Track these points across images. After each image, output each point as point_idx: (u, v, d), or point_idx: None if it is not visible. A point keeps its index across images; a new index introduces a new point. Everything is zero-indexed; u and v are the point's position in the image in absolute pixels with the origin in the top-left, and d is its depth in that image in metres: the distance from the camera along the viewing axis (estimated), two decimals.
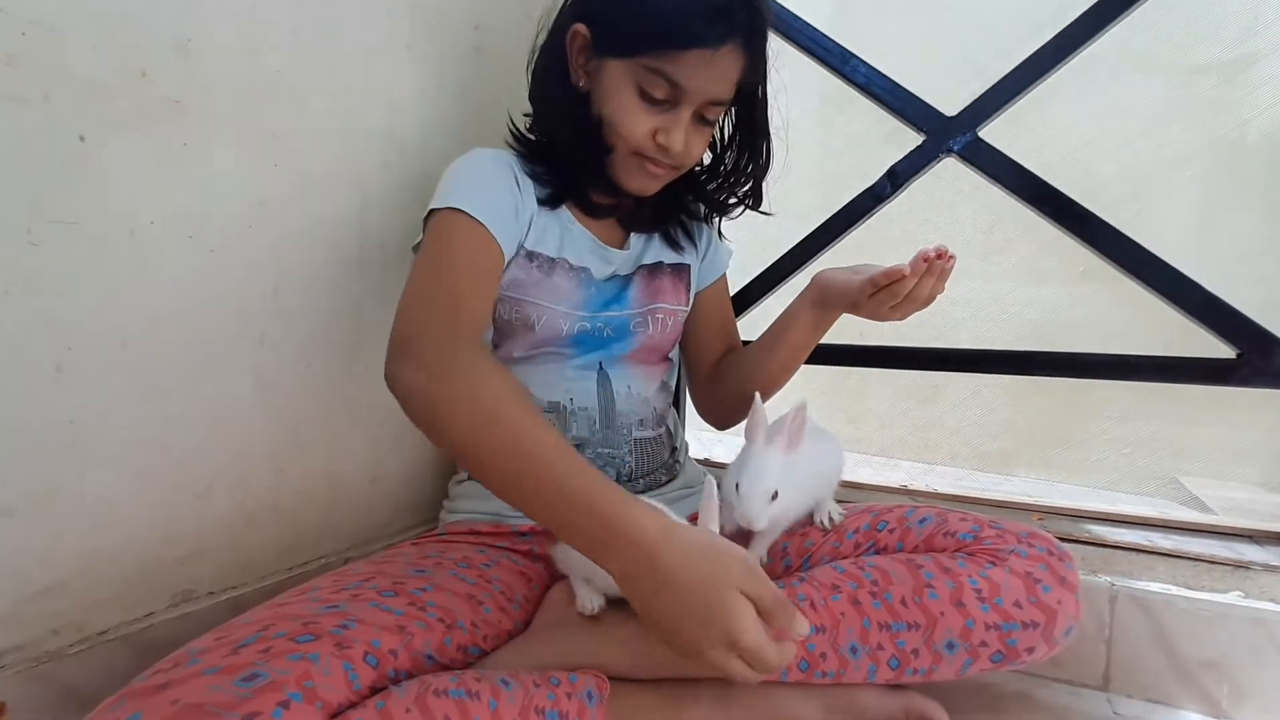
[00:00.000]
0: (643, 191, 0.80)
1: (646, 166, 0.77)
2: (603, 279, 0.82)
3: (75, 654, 0.55)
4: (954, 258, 0.68)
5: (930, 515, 0.69)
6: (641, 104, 0.74)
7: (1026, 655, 0.61)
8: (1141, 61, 0.99)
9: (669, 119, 0.74)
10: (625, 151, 0.76)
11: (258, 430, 0.70)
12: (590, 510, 0.52)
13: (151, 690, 0.43)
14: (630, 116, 0.74)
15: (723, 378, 0.91)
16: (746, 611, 0.48)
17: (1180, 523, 0.85)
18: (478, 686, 0.53)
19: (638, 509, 0.52)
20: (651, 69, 0.71)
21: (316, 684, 0.46)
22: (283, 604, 0.55)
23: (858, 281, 0.71)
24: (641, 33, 0.73)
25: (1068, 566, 0.63)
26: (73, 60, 0.53)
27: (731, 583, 0.48)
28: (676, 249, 0.89)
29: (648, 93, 0.73)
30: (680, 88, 0.72)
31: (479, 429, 0.55)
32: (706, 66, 0.71)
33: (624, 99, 0.74)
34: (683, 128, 0.74)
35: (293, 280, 0.72)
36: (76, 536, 0.56)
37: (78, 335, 0.55)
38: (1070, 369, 0.86)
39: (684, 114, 0.74)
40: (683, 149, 0.75)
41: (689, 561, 0.50)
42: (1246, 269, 0.97)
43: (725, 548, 0.51)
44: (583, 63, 0.77)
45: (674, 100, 0.73)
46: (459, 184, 0.73)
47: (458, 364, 0.58)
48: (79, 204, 0.54)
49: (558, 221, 0.81)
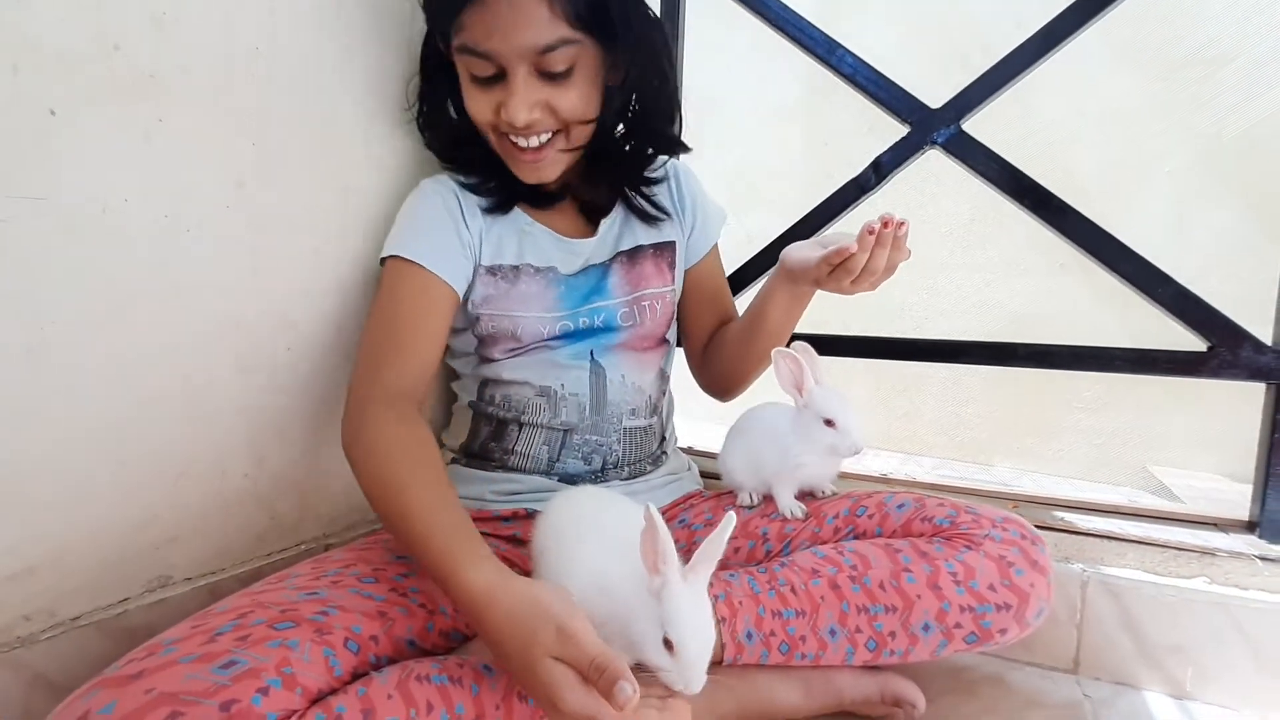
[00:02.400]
0: (539, 180, 0.76)
1: (514, 151, 0.73)
2: (572, 273, 0.81)
3: (47, 640, 0.54)
4: (903, 223, 0.65)
5: (908, 501, 0.70)
6: (475, 87, 0.71)
7: (1000, 636, 0.63)
8: (1123, 57, 1.00)
9: (502, 91, 0.69)
10: (494, 139, 0.74)
11: (236, 414, 0.69)
12: (436, 570, 0.53)
13: (125, 680, 0.43)
14: (471, 104, 0.72)
15: (715, 354, 0.89)
16: (562, 678, 0.46)
17: (1150, 511, 0.87)
18: (460, 672, 0.53)
19: (471, 574, 0.51)
20: (459, 48, 0.68)
21: (296, 670, 0.46)
22: (260, 592, 0.55)
23: (814, 260, 0.69)
24: (431, 22, 0.71)
25: (1040, 550, 0.65)
26: (41, 31, 0.51)
27: (544, 651, 0.46)
28: (654, 225, 0.85)
29: (474, 74, 0.70)
30: (486, 54, 0.67)
31: (372, 488, 0.60)
32: (487, 19, 0.65)
33: (466, 86, 0.72)
34: (518, 96, 0.68)
35: (271, 262, 0.71)
36: (48, 521, 0.55)
37: (49, 315, 0.53)
38: (1046, 360, 0.88)
39: (514, 81, 0.67)
40: (529, 117, 0.69)
41: (507, 625, 0.49)
42: (1222, 262, 0.99)
43: (543, 611, 0.48)
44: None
45: (496, 70, 0.68)
46: (400, 229, 0.76)
47: (363, 430, 0.64)
48: (48, 179, 0.53)
49: (514, 227, 0.80)
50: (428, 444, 0.63)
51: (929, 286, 1.10)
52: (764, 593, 0.65)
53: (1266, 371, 0.79)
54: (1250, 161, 0.93)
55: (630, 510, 0.61)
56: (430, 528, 0.55)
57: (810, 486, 0.77)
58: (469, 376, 0.83)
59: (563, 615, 0.48)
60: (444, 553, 0.53)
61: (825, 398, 0.73)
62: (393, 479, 0.59)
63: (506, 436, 0.80)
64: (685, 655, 0.50)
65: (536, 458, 0.80)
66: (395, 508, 0.57)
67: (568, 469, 0.80)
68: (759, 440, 0.78)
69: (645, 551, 0.51)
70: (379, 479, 0.60)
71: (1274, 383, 0.80)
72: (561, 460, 0.80)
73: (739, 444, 0.81)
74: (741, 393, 0.90)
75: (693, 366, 0.94)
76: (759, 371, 0.85)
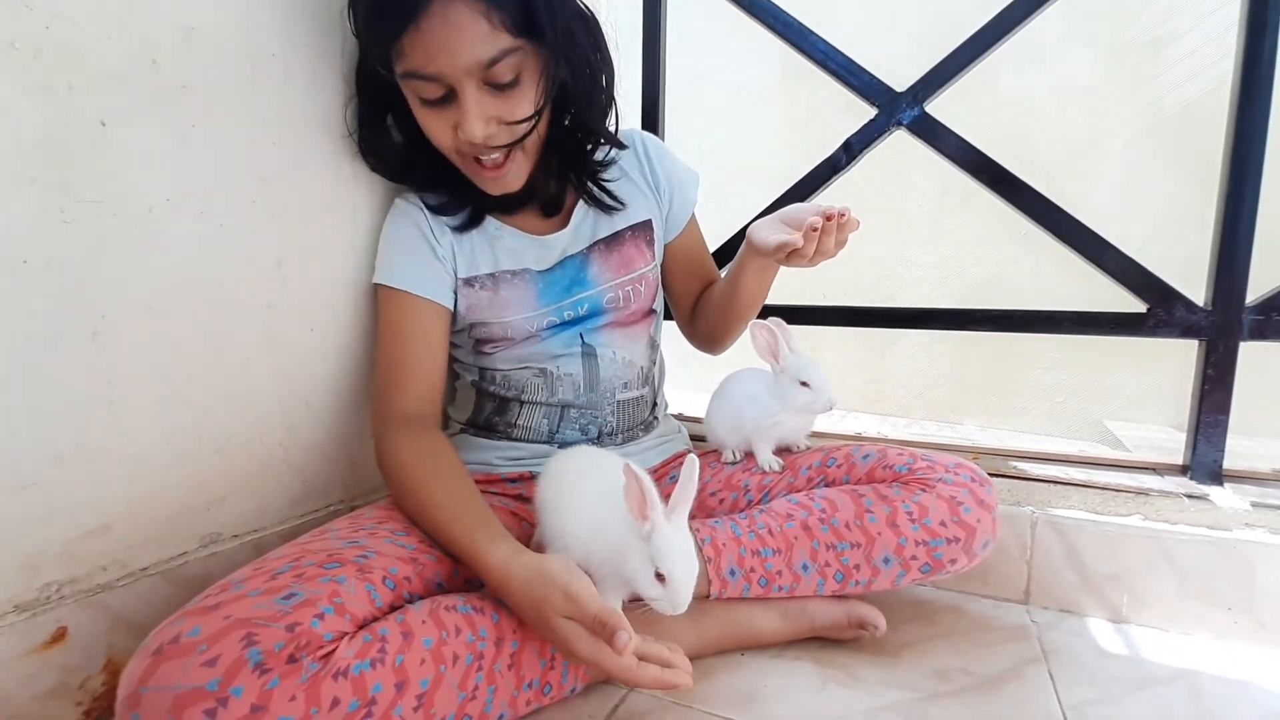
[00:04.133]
0: (505, 190, 0.78)
1: (479, 169, 0.75)
2: (548, 268, 0.84)
3: (122, 586, 0.63)
4: (844, 213, 0.68)
5: (873, 451, 0.79)
6: (427, 110, 0.71)
7: (950, 566, 0.71)
8: (1076, 38, 1.06)
9: (455, 111, 0.69)
10: (457, 159, 0.76)
11: (269, 390, 0.76)
12: (461, 553, 0.65)
13: (205, 610, 0.50)
14: (428, 126, 0.73)
15: (701, 316, 0.94)
16: (572, 632, 0.56)
17: (1094, 458, 0.96)
18: (482, 604, 0.61)
19: (488, 556, 0.62)
20: (404, 74, 0.68)
21: (345, 600, 0.54)
22: (306, 542, 0.62)
23: (771, 244, 0.72)
24: (368, 51, 0.72)
25: (987, 491, 0.73)
26: (89, 50, 0.58)
27: (555, 612, 0.57)
28: (622, 206, 0.87)
29: (423, 98, 0.70)
30: (430, 76, 0.67)
31: (399, 495, 0.72)
32: (427, 41, 0.65)
33: (418, 111, 0.72)
34: (473, 113, 0.68)
35: (293, 250, 0.77)
36: (117, 484, 0.63)
37: (108, 304, 0.60)
38: (1002, 324, 0.96)
39: (465, 99, 0.68)
40: (484, 132, 0.70)
41: (523, 594, 0.59)
42: (1169, 229, 1.07)
43: (551, 580, 0.58)
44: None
45: (445, 90, 0.68)
46: (381, 255, 0.83)
47: (384, 454, 0.74)
48: (103, 184, 0.59)
49: (484, 237, 0.83)
50: (441, 449, 0.74)
51: (900, 258, 1.18)
52: (744, 535, 0.73)
53: (1198, 329, 0.88)
54: (1191, 134, 1.00)
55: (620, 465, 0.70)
56: (451, 519, 0.66)
57: (786, 443, 0.86)
58: (469, 363, 0.89)
59: (567, 581, 0.58)
60: (465, 539, 0.64)
61: (800, 363, 0.81)
62: (414, 484, 0.70)
63: (509, 412, 0.87)
64: (674, 582, 0.59)
65: (538, 429, 0.87)
66: (419, 505, 0.69)
67: (566, 438, 0.87)
68: (739, 403, 0.86)
69: (631, 503, 0.60)
70: (403, 486, 0.71)
71: (1204, 339, 0.88)
72: (560, 431, 0.87)
73: (721, 407, 0.89)
74: (731, 345, 0.95)
75: (682, 328, 1.00)
76: (743, 327, 0.90)
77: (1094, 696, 0.68)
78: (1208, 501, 0.85)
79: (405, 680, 0.52)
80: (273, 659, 0.47)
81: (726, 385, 0.90)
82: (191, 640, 0.47)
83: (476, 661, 0.57)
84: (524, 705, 0.61)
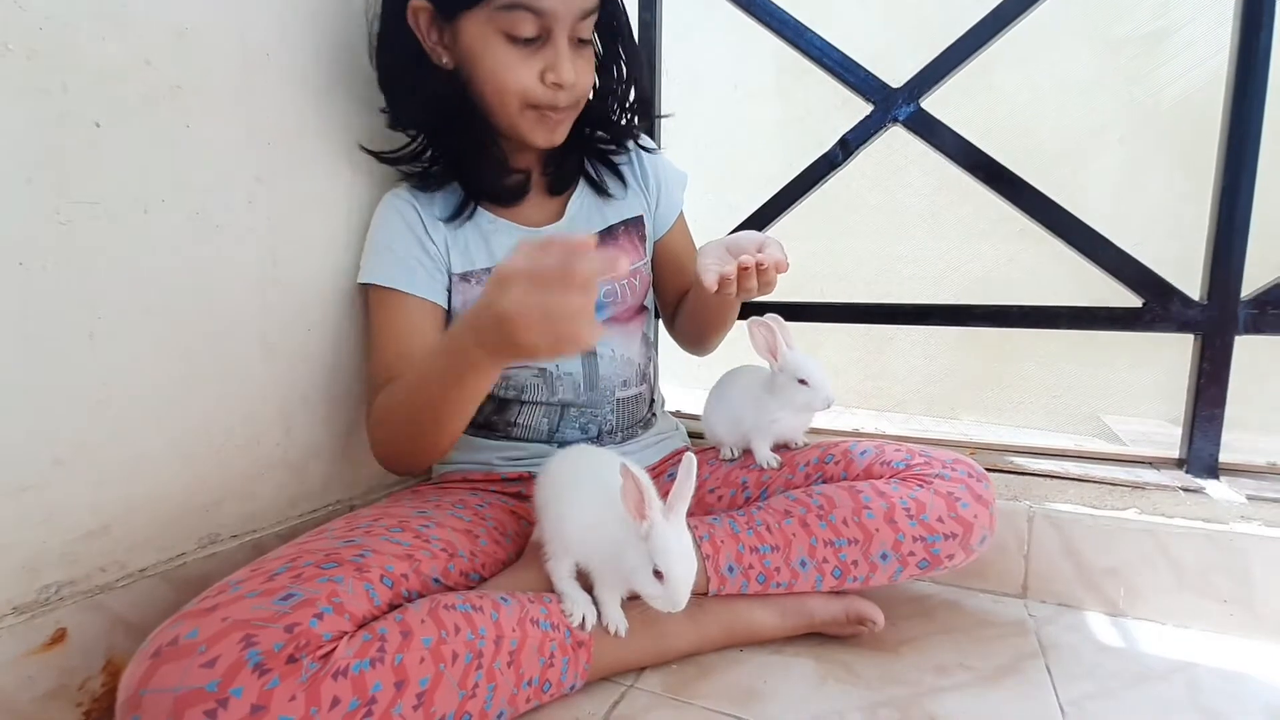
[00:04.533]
0: (551, 142, 0.78)
1: (545, 116, 0.74)
2: None
3: (121, 587, 0.63)
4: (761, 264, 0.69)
5: (870, 448, 0.79)
6: (515, 50, 0.70)
7: (948, 562, 0.72)
8: (1072, 33, 1.07)
9: (548, 54, 0.70)
10: (518, 109, 0.74)
11: (266, 390, 0.76)
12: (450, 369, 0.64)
13: (203, 612, 0.50)
14: (509, 69, 0.71)
15: (681, 313, 0.94)
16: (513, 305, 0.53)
17: (1090, 453, 0.96)
18: (480, 602, 0.62)
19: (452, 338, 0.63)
20: (506, 6, 0.67)
21: (344, 600, 0.54)
22: (303, 542, 0.62)
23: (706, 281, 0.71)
24: None
25: (984, 486, 0.74)
26: (84, 51, 0.57)
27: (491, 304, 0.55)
28: (619, 199, 0.88)
29: (515, 35, 0.69)
30: (543, 12, 0.68)
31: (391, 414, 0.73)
32: None
33: (496, 52, 0.70)
34: (566, 57, 0.70)
35: (289, 249, 0.77)
36: (115, 486, 0.63)
37: (105, 305, 0.60)
38: (1000, 320, 0.96)
39: (560, 42, 0.69)
40: (574, 78, 0.71)
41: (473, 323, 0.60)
42: (1165, 223, 1.07)
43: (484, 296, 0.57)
44: (436, 38, 0.74)
45: (545, 31, 0.69)
46: (369, 254, 0.82)
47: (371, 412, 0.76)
48: (99, 185, 0.59)
49: (478, 231, 0.83)
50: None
51: (897, 254, 1.18)
52: (743, 532, 0.73)
53: (1193, 324, 0.88)
54: (1186, 128, 1.01)
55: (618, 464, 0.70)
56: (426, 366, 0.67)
57: (784, 439, 0.86)
58: None
59: (490, 283, 0.55)
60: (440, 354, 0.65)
61: (798, 360, 0.81)
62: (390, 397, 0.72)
63: (509, 411, 0.87)
64: (672, 580, 0.59)
65: (538, 429, 0.87)
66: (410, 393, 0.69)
67: (566, 437, 0.87)
68: (737, 400, 0.86)
69: (628, 503, 0.60)
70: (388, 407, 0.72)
71: (1200, 334, 0.88)
72: (560, 430, 0.87)
73: (719, 404, 0.89)
74: (714, 349, 0.95)
75: (667, 327, 1.00)
76: (719, 336, 0.91)
77: (1092, 691, 0.68)
78: (1204, 495, 0.85)
79: (405, 679, 0.52)
80: (272, 659, 0.47)
81: (725, 382, 0.90)
82: (190, 642, 0.47)
83: (476, 660, 0.57)
84: (524, 703, 0.61)
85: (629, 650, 0.68)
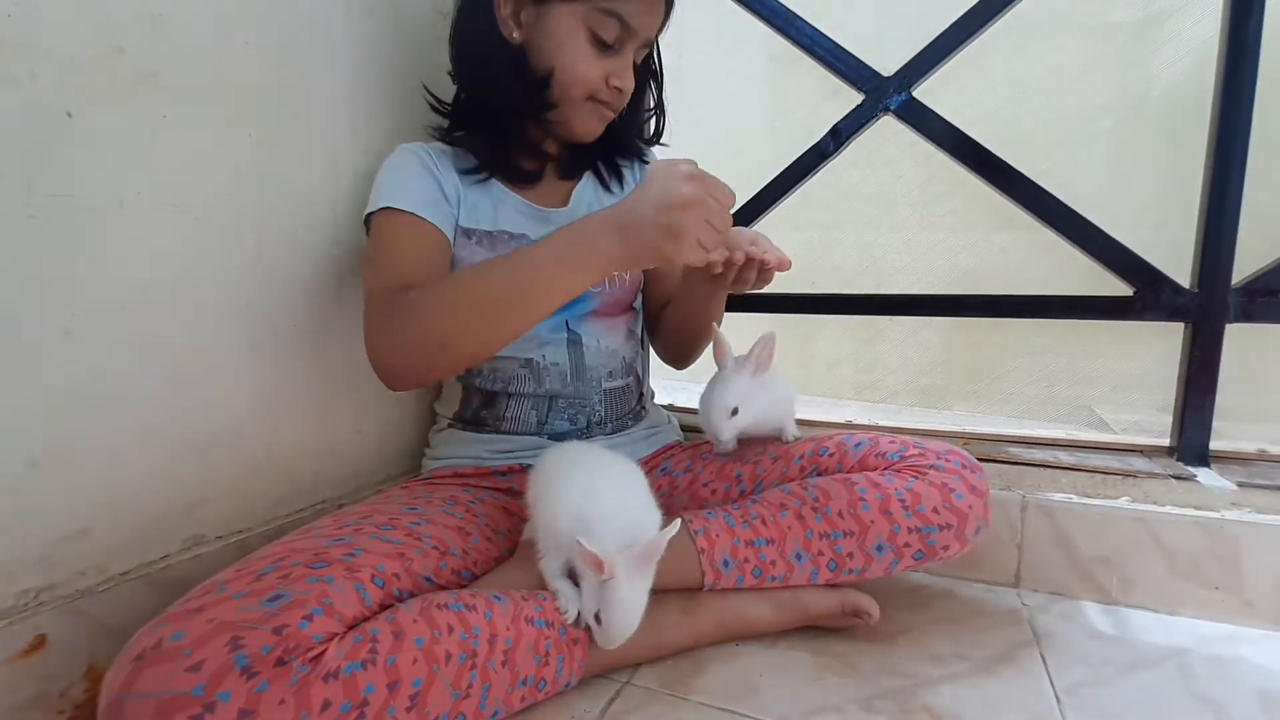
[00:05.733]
0: (590, 136, 0.83)
1: (601, 111, 0.81)
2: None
3: (103, 591, 0.61)
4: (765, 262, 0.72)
5: (864, 439, 0.78)
6: (593, 49, 0.76)
7: (943, 553, 0.71)
8: (1062, 21, 1.06)
9: (619, 62, 0.77)
10: (579, 98, 0.79)
11: (251, 389, 0.75)
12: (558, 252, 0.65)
13: (188, 613, 0.49)
14: (586, 62, 0.76)
15: (665, 318, 0.95)
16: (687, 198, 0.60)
17: (1083, 442, 0.97)
18: (474, 600, 0.61)
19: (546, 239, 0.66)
20: (605, 10, 0.74)
21: (334, 601, 0.53)
22: (291, 541, 0.61)
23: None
24: None
25: (978, 477, 0.73)
26: (53, 38, 0.55)
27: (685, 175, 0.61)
28: (615, 196, 0.90)
29: (599, 36, 0.75)
30: (630, 29, 0.75)
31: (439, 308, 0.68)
32: (653, 5, 0.76)
33: (577, 45, 0.76)
34: (630, 70, 0.78)
35: (272, 244, 0.76)
36: (94, 487, 0.61)
37: (81, 302, 0.59)
38: (992, 309, 0.96)
39: (628, 55, 0.77)
40: (632, 88, 0.80)
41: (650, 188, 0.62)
42: (1154, 212, 1.07)
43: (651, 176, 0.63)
44: (512, 13, 0.78)
45: (622, 42, 0.76)
46: (385, 185, 0.79)
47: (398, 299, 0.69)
48: (71, 178, 0.57)
49: (489, 195, 0.84)
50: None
51: (888, 244, 1.18)
52: (738, 526, 0.73)
53: (1184, 312, 0.88)
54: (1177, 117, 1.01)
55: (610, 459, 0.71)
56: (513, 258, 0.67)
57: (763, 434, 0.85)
58: None
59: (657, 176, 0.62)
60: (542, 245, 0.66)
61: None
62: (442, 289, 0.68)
63: (497, 405, 0.86)
64: (608, 631, 0.61)
65: (526, 421, 0.86)
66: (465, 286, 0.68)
67: (556, 428, 0.87)
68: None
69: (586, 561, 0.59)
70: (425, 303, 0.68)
71: (1190, 322, 0.88)
72: (549, 422, 0.86)
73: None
74: (695, 359, 0.96)
75: (651, 339, 1.01)
76: (702, 343, 0.92)
77: (1087, 678, 0.68)
78: (1195, 483, 0.86)
79: (398, 680, 0.51)
80: (260, 662, 0.46)
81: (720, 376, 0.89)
82: (175, 645, 0.46)
83: (470, 659, 0.56)
84: (519, 701, 0.60)
85: (624, 646, 0.67)
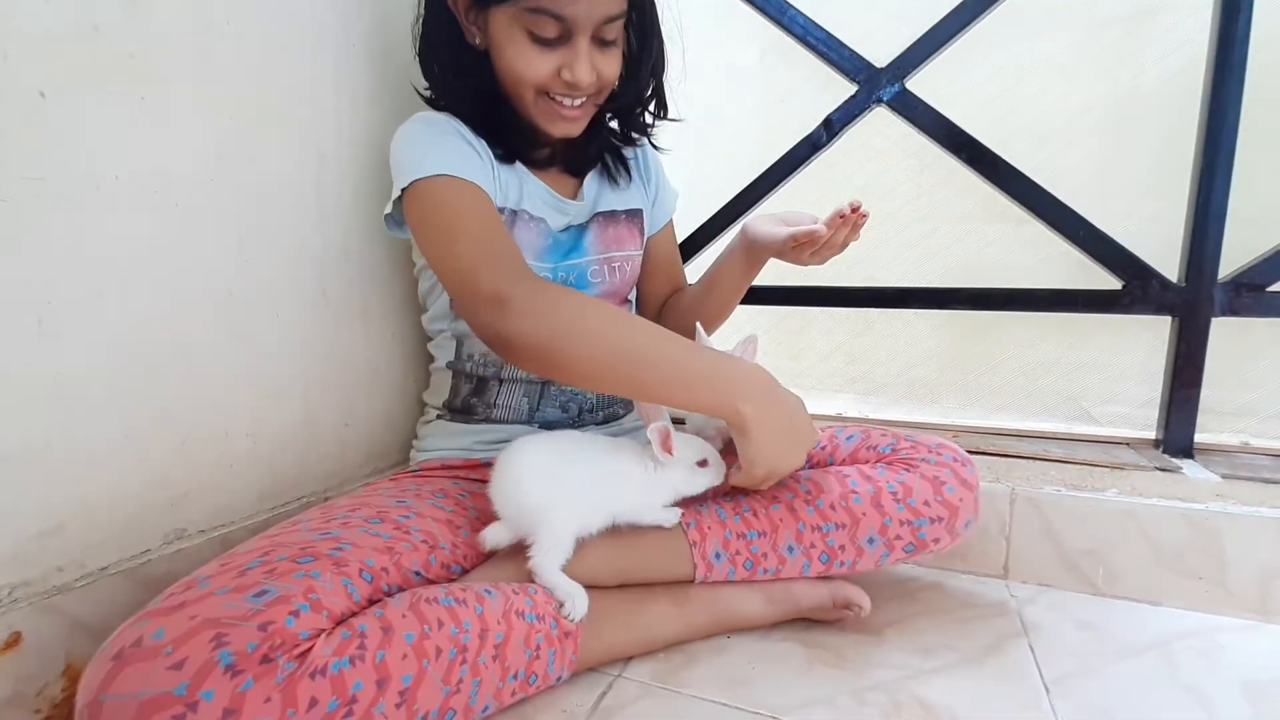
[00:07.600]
0: (567, 135, 0.80)
1: (558, 109, 0.77)
2: (559, 229, 0.85)
3: (80, 588, 0.59)
4: (866, 214, 0.74)
5: (856, 433, 0.78)
6: (534, 46, 0.72)
7: (934, 545, 0.72)
8: (1056, 13, 1.06)
9: (567, 54, 0.73)
10: (533, 97, 0.76)
11: (235, 380, 0.73)
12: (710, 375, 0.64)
13: (169, 610, 0.48)
14: (528, 62, 0.73)
15: (666, 317, 0.96)
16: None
17: (1069, 434, 0.97)
18: (464, 595, 0.60)
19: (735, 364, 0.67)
20: (532, 9, 0.70)
21: (321, 596, 0.52)
22: (276, 534, 0.60)
23: (782, 235, 0.78)
24: None
25: (969, 470, 0.74)
26: (26, 15, 0.53)
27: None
28: (623, 189, 0.91)
29: (536, 34, 0.72)
30: (566, 19, 0.71)
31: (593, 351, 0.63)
32: None
33: (517, 46, 0.73)
34: (584, 59, 0.73)
35: (255, 233, 0.74)
36: (70, 482, 0.59)
37: (55, 290, 0.57)
38: (983, 303, 0.96)
39: (580, 44, 0.72)
40: (591, 79, 0.74)
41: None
42: (1144, 206, 1.07)
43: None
44: (472, 19, 0.76)
45: (566, 34, 0.72)
46: (429, 151, 0.73)
47: (541, 300, 0.64)
48: (45, 160, 0.55)
49: (515, 175, 0.83)
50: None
51: (879, 236, 1.18)
52: (729, 518, 0.72)
53: (1171, 306, 0.89)
54: (1168, 111, 1.01)
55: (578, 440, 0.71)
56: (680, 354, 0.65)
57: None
58: (445, 335, 0.87)
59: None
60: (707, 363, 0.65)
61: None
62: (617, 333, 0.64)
63: (488, 392, 0.85)
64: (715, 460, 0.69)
65: (518, 409, 0.85)
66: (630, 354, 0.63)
67: (547, 416, 0.86)
68: None
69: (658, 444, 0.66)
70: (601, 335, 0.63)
71: (1177, 316, 0.89)
72: (541, 410, 0.86)
73: None
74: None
75: None
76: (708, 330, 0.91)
77: (1074, 669, 0.68)
78: (1180, 475, 0.87)
79: (386, 677, 0.50)
80: (245, 660, 0.45)
81: None
82: (156, 643, 0.45)
83: (460, 654, 0.55)
84: (509, 696, 0.60)
85: (616, 640, 0.67)
